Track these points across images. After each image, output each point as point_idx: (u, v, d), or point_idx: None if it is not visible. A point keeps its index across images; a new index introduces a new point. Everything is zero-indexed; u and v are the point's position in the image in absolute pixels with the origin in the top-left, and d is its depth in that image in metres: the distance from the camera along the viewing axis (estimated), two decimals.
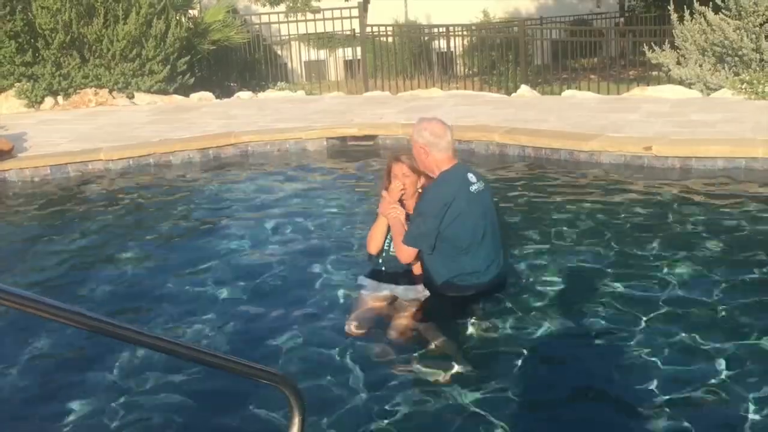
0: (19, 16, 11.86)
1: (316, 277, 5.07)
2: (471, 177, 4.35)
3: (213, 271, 5.32)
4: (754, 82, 9.68)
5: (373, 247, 4.64)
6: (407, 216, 4.50)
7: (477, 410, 3.48)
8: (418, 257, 4.40)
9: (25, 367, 4.14)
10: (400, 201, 4.54)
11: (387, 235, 4.57)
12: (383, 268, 4.64)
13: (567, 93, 11.24)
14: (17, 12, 11.86)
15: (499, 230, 4.53)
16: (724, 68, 10.52)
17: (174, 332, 4.37)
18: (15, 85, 12.22)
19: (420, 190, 4.52)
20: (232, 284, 5.05)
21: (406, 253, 4.35)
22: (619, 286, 4.65)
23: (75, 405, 3.73)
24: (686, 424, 3.27)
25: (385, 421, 3.45)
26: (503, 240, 4.68)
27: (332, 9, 15.03)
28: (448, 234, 4.22)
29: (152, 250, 5.90)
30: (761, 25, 10.29)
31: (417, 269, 4.53)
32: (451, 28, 14.93)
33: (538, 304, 4.48)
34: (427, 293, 4.46)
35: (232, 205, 6.98)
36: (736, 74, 10.27)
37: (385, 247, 4.61)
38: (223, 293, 4.91)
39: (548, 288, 4.68)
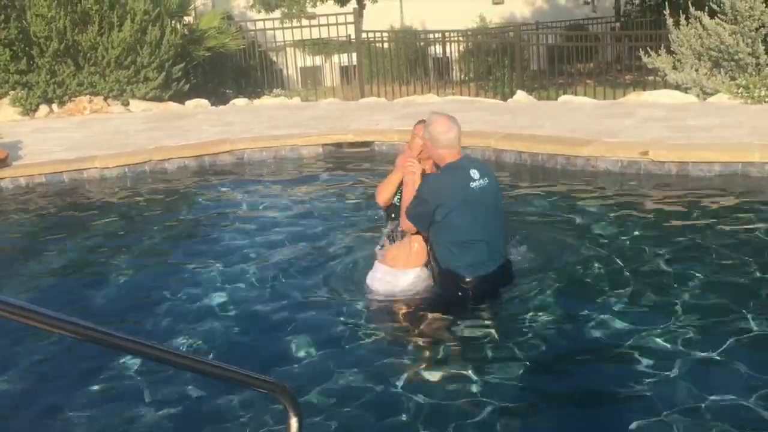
0: (14, 24, 11.83)
1: (313, 284, 5.05)
2: (473, 173, 4.40)
3: (209, 278, 5.29)
4: (750, 86, 9.68)
5: (381, 198, 4.85)
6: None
7: (474, 407, 3.46)
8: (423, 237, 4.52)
9: (20, 376, 4.12)
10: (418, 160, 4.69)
11: (398, 189, 4.72)
12: (392, 215, 4.74)
13: (563, 98, 11.24)
14: (11, 20, 11.83)
15: (503, 225, 4.64)
16: (720, 73, 10.52)
17: (170, 341, 4.34)
18: (9, 93, 12.20)
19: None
20: (229, 292, 5.02)
21: (406, 224, 4.51)
22: (615, 290, 4.62)
23: (71, 413, 3.71)
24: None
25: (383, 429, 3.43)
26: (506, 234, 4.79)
27: (327, 15, 15.05)
28: (446, 224, 4.33)
29: (147, 258, 5.88)
30: (757, 29, 10.30)
31: (419, 248, 4.59)
32: (446, 34, 14.93)
33: (534, 306, 4.47)
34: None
35: (227, 212, 6.96)
36: (732, 79, 10.27)
37: (396, 202, 4.76)
38: (220, 301, 4.88)
39: (544, 292, 4.65)
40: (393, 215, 4.73)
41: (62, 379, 4.08)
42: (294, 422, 2.13)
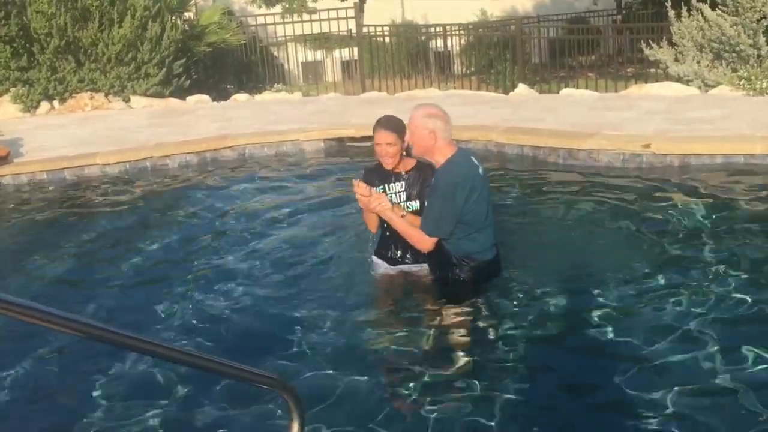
0: (14, 20, 11.83)
1: (315, 279, 5.05)
2: (474, 161, 4.38)
3: (211, 274, 5.29)
4: (752, 78, 9.66)
5: (372, 228, 4.69)
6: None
7: (484, 398, 3.47)
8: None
9: (23, 373, 4.12)
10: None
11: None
12: (387, 233, 4.61)
13: (565, 91, 11.22)
14: (12, 17, 11.82)
15: None
16: (721, 64, 10.50)
17: (173, 337, 4.34)
18: (10, 90, 12.21)
19: (404, 152, 4.48)
20: (230, 288, 5.01)
21: (427, 243, 4.29)
22: (616, 284, 4.62)
23: (73, 410, 3.71)
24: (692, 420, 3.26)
25: (388, 423, 3.43)
26: None
27: (328, 9, 15.02)
28: (466, 216, 4.22)
29: (149, 255, 5.87)
30: (758, 20, 10.26)
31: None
32: (448, 28, 14.90)
33: (537, 300, 4.48)
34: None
35: (229, 208, 6.95)
36: (734, 70, 10.25)
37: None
38: (221, 297, 4.88)
39: (546, 287, 4.65)
40: (384, 224, 4.57)
41: (64, 377, 4.08)
42: (296, 419, 2.13)
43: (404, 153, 4.51)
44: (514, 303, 4.45)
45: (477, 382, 3.66)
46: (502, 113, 9.44)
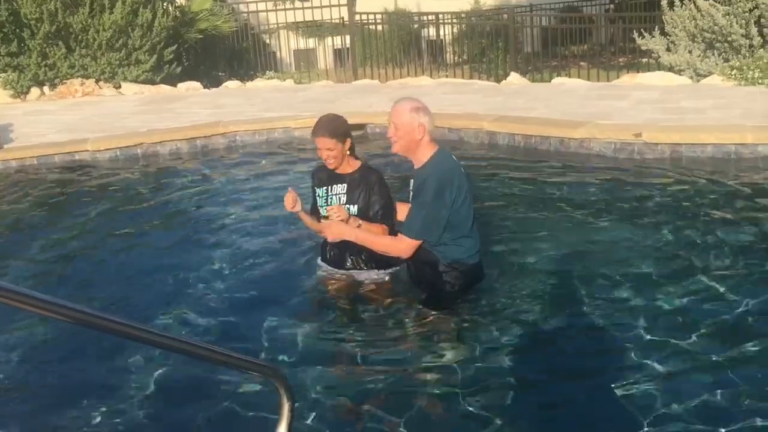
0: (4, 5, 11.75)
1: (306, 266, 5.04)
2: (454, 158, 4.27)
3: (201, 261, 5.28)
4: (744, 68, 9.68)
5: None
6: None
7: (459, 396, 3.47)
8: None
9: (14, 364, 4.11)
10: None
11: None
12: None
13: (557, 80, 11.22)
14: (2, 2, 11.74)
15: None
16: (713, 54, 10.52)
17: (162, 323, 4.33)
18: (0, 75, 12.12)
19: (348, 152, 4.42)
20: (220, 274, 5.01)
21: (407, 250, 4.18)
22: (608, 274, 4.64)
23: (64, 399, 3.70)
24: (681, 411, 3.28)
25: (378, 413, 3.44)
26: None
27: None
28: (452, 219, 4.10)
29: (139, 242, 5.86)
30: (751, 10, 10.28)
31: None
32: (440, 16, 14.87)
33: (528, 290, 4.49)
34: (384, 277, 4.54)
35: (219, 195, 6.95)
36: (726, 60, 10.27)
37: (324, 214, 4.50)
38: (211, 284, 4.87)
39: (538, 277, 4.67)
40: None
41: (57, 365, 4.07)
42: (287, 406, 2.13)
43: (349, 153, 4.44)
44: (502, 301, 4.39)
45: (464, 387, 3.60)
46: (494, 102, 9.44)
